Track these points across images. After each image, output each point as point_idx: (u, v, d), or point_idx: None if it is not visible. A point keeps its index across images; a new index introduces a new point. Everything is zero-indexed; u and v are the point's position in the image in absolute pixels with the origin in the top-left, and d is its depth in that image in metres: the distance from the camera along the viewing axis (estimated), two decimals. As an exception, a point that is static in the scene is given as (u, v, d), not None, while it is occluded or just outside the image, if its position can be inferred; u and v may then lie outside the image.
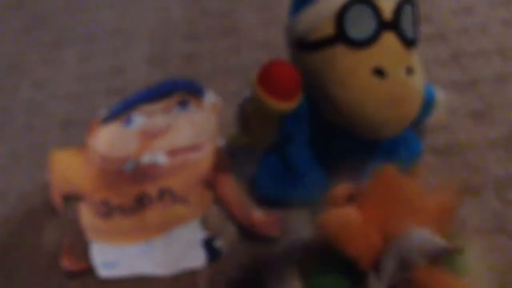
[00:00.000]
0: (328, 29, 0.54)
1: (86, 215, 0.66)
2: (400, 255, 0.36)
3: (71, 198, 0.68)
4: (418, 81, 0.54)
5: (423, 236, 0.36)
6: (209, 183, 0.67)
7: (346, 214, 0.38)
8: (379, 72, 0.52)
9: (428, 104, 0.62)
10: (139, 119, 0.73)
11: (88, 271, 0.61)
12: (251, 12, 0.99)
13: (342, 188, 0.43)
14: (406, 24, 0.54)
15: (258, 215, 0.63)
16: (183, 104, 0.74)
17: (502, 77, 0.80)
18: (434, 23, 0.91)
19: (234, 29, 0.96)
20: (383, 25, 0.52)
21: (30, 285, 0.62)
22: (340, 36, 0.53)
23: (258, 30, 0.95)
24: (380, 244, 0.38)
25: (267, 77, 0.53)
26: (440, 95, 0.66)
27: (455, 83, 0.79)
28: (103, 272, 0.61)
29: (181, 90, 0.75)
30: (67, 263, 0.62)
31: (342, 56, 0.53)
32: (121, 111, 0.74)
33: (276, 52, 0.86)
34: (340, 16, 0.53)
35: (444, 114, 0.68)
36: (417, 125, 0.63)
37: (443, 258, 0.36)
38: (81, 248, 0.63)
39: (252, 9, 1.00)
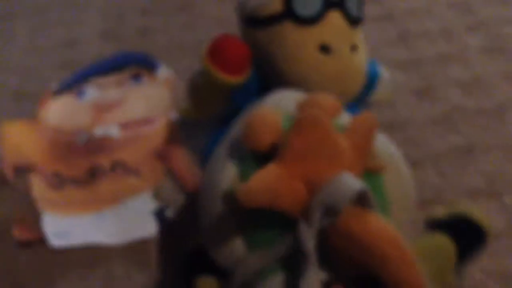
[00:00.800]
0: (277, 6, 0.55)
1: (38, 187, 0.67)
2: (325, 202, 0.37)
3: (23, 170, 0.68)
4: (361, 58, 0.57)
5: (350, 183, 0.38)
6: (161, 156, 0.68)
7: (266, 178, 0.39)
8: (325, 49, 0.54)
9: (371, 80, 0.65)
10: (92, 92, 0.73)
11: (40, 241, 0.62)
12: (206, -13, 1.00)
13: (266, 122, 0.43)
14: (351, 2, 0.56)
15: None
16: (136, 77, 0.74)
17: (445, 57, 0.84)
18: (383, 4, 0.94)
19: (189, 4, 0.97)
20: (329, 4, 0.55)
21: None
22: (288, 13, 0.55)
23: (213, 6, 0.96)
24: (306, 194, 0.39)
25: (216, 51, 0.55)
26: (385, 73, 0.69)
27: (401, 62, 0.83)
28: (55, 241, 0.62)
29: (134, 64, 0.75)
30: (18, 233, 0.63)
31: (289, 32, 0.55)
32: (74, 84, 0.74)
33: (231, 28, 0.87)
34: (288, -6, 0.55)
35: (388, 92, 0.71)
36: (361, 101, 0.66)
37: (365, 200, 0.38)
38: (33, 218, 0.64)
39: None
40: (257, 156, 0.41)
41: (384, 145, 0.46)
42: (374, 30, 0.86)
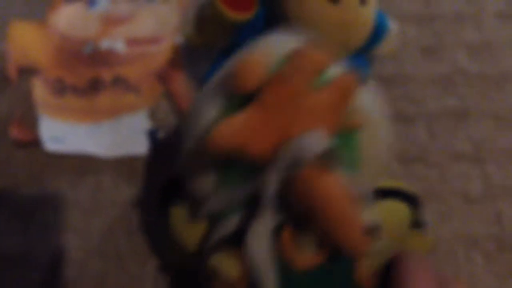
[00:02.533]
0: None
1: (39, 90, 0.68)
2: (291, 154, 0.39)
3: (26, 71, 0.70)
4: (369, 11, 0.57)
5: (316, 140, 0.39)
6: (162, 77, 0.69)
7: (235, 125, 0.40)
8: (332, -5, 0.54)
9: (378, 33, 0.64)
10: (103, 2, 0.74)
11: (36, 143, 0.65)
12: None
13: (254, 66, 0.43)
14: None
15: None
16: (148, -8, 0.75)
17: (459, 17, 0.82)
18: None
19: None
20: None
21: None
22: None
23: None
24: (275, 144, 0.40)
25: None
26: (394, 27, 0.69)
27: (414, 15, 0.82)
28: (50, 145, 0.65)
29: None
30: (16, 132, 0.65)
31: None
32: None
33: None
34: None
35: (394, 46, 0.71)
36: (366, 52, 0.66)
37: (328, 158, 0.40)
38: (31, 120, 0.66)
39: None
40: (242, 97, 0.42)
41: (367, 101, 0.46)
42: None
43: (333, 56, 0.45)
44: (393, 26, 0.68)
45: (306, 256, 0.42)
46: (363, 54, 0.64)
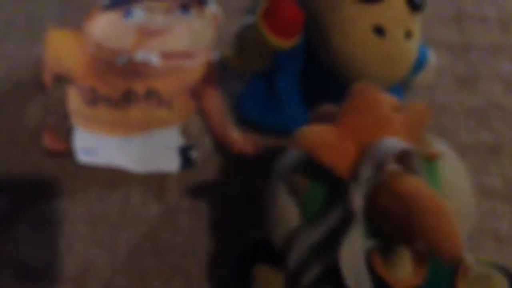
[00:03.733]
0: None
1: (73, 99, 0.68)
2: (374, 162, 0.40)
3: (61, 79, 0.70)
4: (414, 46, 0.56)
5: (395, 143, 0.40)
6: (195, 93, 0.69)
7: (319, 129, 0.42)
8: (379, 30, 0.53)
9: (419, 64, 0.64)
10: (140, 14, 0.73)
11: (67, 153, 0.65)
12: None
13: (325, 108, 0.47)
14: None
15: (235, 134, 0.67)
16: (185, 8, 0.74)
17: (496, 48, 0.82)
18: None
19: None
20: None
21: (6, 158, 0.65)
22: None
23: None
24: (355, 155, 0.41)
25: (271, 12, 0.55)
26: (433, 57, 0.68)
27: (450, 44, 0.81)
28: (82, 157, 0.65)
29: (185, -8, 0.75)
30: (48, 142, 0.65)
31: (347, 6, 0.54)
32: (123, 2, 0.74)
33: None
34: (354, -35, 0.53)
35: (431, 76, 0.70)
36: (403, 82, 0.65)
37: (409, 160, 0.40)
38: (64, 130, 0.66)
39: None
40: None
41: (436, 141, 0.48)
42: (429, 5, 0.84)
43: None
44: (432, 57, 0.67)
45: (403, 278, 0.42)
46: (398, 86, 0.64)
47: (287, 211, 0.46)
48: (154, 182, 0.64)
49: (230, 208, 0.63)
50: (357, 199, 0.40)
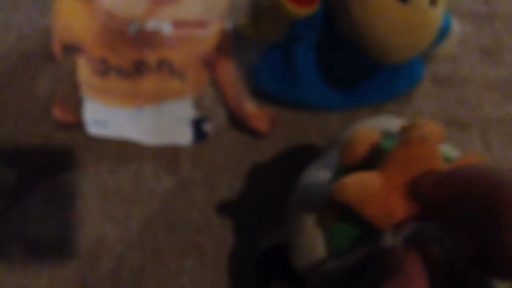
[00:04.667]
0: None
1: (83, 69, 0.66)
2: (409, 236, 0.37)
3: (71, 49, 0.68)
4: (438, 13, 0.53)
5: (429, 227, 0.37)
6: (209, 64, 0.67)
7: (363, 180, 0.39)
8: (402, -5, 0.51)
9: (443, 33, 0.61)
10: (151, -19, 0.71)
11: (77, 125, 0.63)
12: None
13: (365, 137, 0.43)
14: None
15: (250, 106, 0.64)
16: (198, -26, 0.72)
17: (522, 18, 0.78)
18: None
19: None
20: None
21: (17, 128, 0.63)
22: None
23: None
24: (400, 209, 0.39)
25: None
26: (456, 27, 0.65)
27: (474, 13, 0.78)
28: (92, 129, 0.63)
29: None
30: (58, 113, 0.63)
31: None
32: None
33: None
34: None
35: (454, 46, 0.67)
36: (426, 53, 0.63)
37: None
38: (74, 101, 0.64)
39: None
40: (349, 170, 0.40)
41: None
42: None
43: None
44: (455, 26, 0.64)
45: None
46: (420, 57, 0.61)
47: (313, 242, 0.43)
48: (166, 155, 0.62)
49: (245, 183, 0.61)
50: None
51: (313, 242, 0.43)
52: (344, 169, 0.42)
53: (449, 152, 0.45)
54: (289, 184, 0.49)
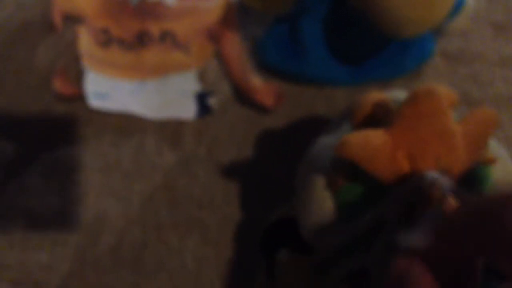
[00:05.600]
0: None
1: (84, 40, 0.65)
2: (416, 189, 0.36)
3: (72, 19, 0.66)
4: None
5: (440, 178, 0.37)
6: (213, 36, 0.65)
7: (368, 135, 0.39)
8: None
9: (456, 8, 0.59)
10: (155, -50, 0.69)
11: (78, 97, 0.62)
12: None
13: (380, 100, 0.43)
14: None
15: (255, 80, 0.63)
16: None
17: (537, -7, 0.76)
18: None
19: None
20: None
21: (16, 100, 0.62)
22: None
23: None
24: (405, 166, 0.38)
25: None
26: (470, 1, 0.63)
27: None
28: (94, 101, 0.62)
29: None
30: (58, 85, 0.62)
31: None
32: None
33: None
34: None
35: (467, 20, 0.65)
36: (438, 28, 0.61)
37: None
38: (75, 73, 0.63)
39: None
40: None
41: (493, 143, 0.45)
42: None
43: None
44: (469, 1, 0.63)
45: None
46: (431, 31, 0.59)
47: (323, 205, 0.43)
48: (169, 130, 0.61)
49: (249, 158, 0.60)
50: (393, 211, 0.38)
51: (322, 205, 0.43)
52: (354, 129, 0.42)
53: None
54: (295, 160, 0.47)
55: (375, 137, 0.39)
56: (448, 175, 0.38)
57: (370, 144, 0.38)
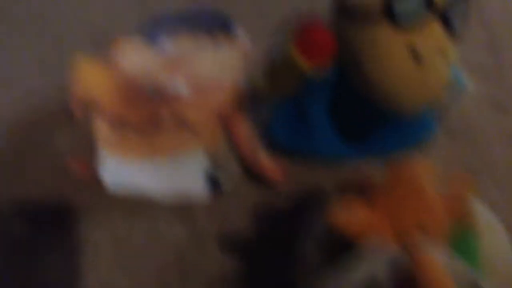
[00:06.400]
0: (376, 3, 0.53)
1: (101, 126, 0.68)
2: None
3: (89, 107, 0.70)
4: (449, 70, 0.55)
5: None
6: (223, 118, 0.68)
7: (355, 213, 0.42)
8: (416, 56, 0.52)
9: (454, 88, 0.62)
10: (167, 42, 0.74)
11: (95, 180, 0.64)
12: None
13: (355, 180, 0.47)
14: (455, 14, 0.54)
15: (264, 159, 0.65)
16: (212, 36, 0.74)
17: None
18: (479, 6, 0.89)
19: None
20: (432, 11, 0.52)
21: (35, 185, 0.65)
22: (386, 11, 0.52)
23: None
24: (391, 236, 0.41)
25: (303, 35, 0.54)
26: (468, 82, 0.66)
27: (485, 69, 0.79)
28: (109, 184, 0.64)
29: (213, 22, 0.75)
30: (76, 169, 0.64)
31: (383, 31, 0.53)
32: (151, 31, 0.75)
33: (317, 3, 0.85)
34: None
35: (468, 100, 0.68)
36: (437, 106, 0.64)
37: None
38: (91, 157, 0.65)
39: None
40: None
41: (481, 209, 0.47)
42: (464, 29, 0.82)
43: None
44: (467, 82, 0.66)
45: None
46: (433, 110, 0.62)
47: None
48: (181, 207, 0.63)
49: (259, 235, 0.61)
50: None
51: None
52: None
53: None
54: (305, 237, 0.49)
55: (363, 213, 0.42)
56: (428, 237, 0.40)
57: (359, 219, 0.41)
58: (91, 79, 0.71)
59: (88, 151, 0.66)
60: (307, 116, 0.64)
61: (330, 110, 0.63)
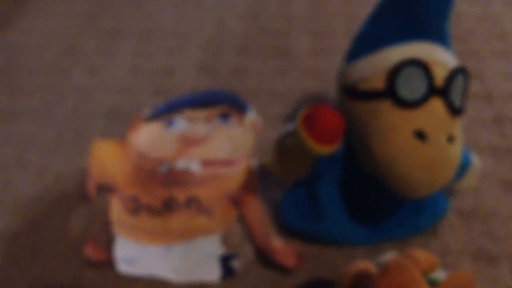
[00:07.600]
0: (379, 83, 0.55)
1: (115, 208, 0.69)
2: None
3: (104, 189, 0.71)
4: (457, 150, 0.55)
5: None
6: (236, 201, 0.68)
7: None
8: (420, 135, 0.53)
9: (463, 169, 0.63)
10: (181, 123, 0.75)
11: (108, 263, 0.64)
12: (305, 36, 1.01)
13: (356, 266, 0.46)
14: (456, 92, 0.55)
15: (277, 242, 0.65)
16: (224, 116, 0.75)
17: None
18: (484, 82, 0.92)
19: (285, 50, 0.98)
20: (433, 91, 0.54)
21: (48, 267, 0.65)
22: (389, 93, 0.54)
23: (308, 56, 0.97)
24: None
25: (312, 119, 0.56)
26: (476, 162, 0.67)
27: (493, 147, 0.80)
28: (122, 267, 0.64)
29: (225, 103, 0.76)
30: (90, 252, 0.65)
31: (387, 112, 0.54)
32: (165, 112, 0.76)
33: (323, 82, 0.88)
34: (393, 74, 0.54)
35: (475, 180, 0.69)
36: (448, 187, 0.64)
37: None
38: (106, 240, 0.65)
39: (306, 34, 1.02)
40: None
41: None
42: (469, 108, 0.84)
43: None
44: (476, 161, 0.66)
45: None
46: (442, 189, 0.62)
47: None
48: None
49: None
50: None
51: None
52: None
53: (436, 275, 0.46)
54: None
55: None
56: None
57: None
58: (107, 161, 0.72)
59: (103, 233, 0.66)
60: (318, 199, 0.64)
61: (341, 192, 0.64)
